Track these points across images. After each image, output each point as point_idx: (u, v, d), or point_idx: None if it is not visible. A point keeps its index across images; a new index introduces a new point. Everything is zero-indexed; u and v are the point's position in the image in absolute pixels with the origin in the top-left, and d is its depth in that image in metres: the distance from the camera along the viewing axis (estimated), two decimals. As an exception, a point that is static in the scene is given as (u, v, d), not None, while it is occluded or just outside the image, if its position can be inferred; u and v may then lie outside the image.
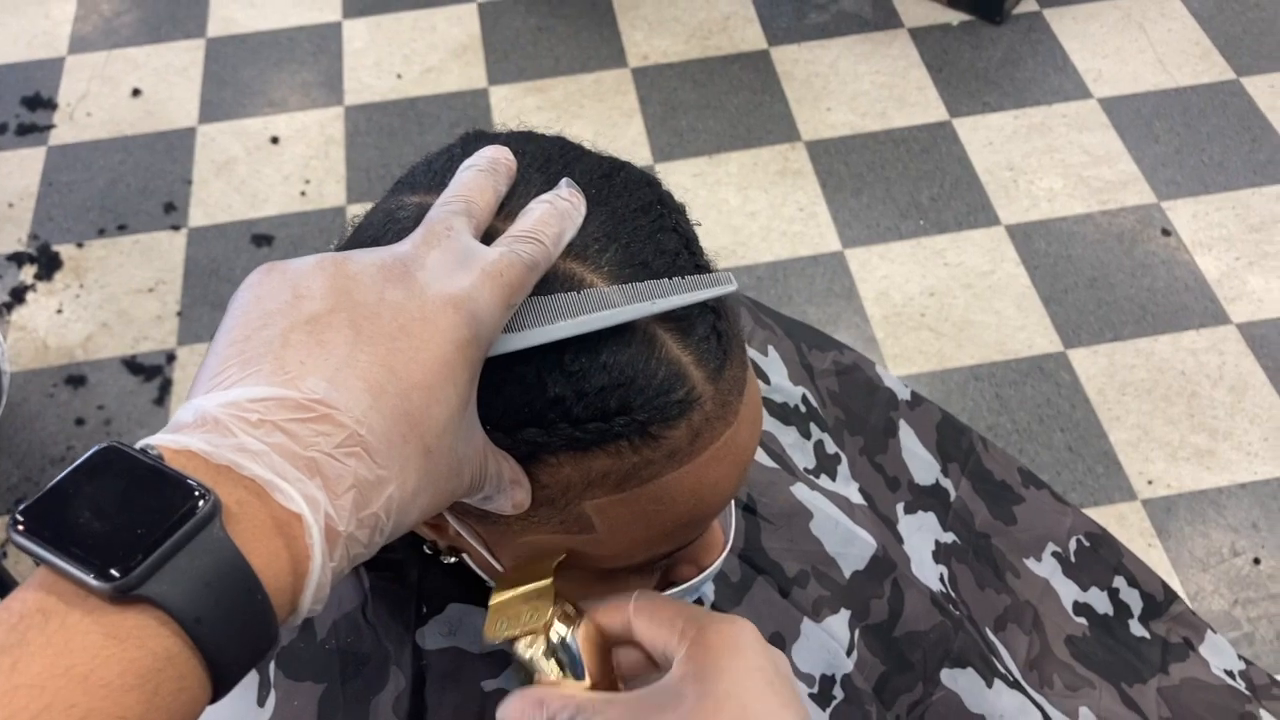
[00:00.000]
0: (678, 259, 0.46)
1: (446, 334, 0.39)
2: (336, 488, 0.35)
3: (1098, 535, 0.96)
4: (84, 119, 2.43)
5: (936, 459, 0.90)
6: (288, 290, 0.39)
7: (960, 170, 2.26)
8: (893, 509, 0.83)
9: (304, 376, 0.36)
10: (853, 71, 2.44)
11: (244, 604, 0.33)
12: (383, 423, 0.36)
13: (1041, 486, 0.96)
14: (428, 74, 2.49)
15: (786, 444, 0.75)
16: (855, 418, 0.83)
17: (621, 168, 0.50)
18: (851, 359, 0.86)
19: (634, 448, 0.45)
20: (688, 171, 2.29)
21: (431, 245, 0.42)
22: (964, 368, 1.98)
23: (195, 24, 2.63)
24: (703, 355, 0.46)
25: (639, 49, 2.52)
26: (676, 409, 0.45)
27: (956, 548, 0.88)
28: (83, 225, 2.24)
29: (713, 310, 0.46)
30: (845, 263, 2.14)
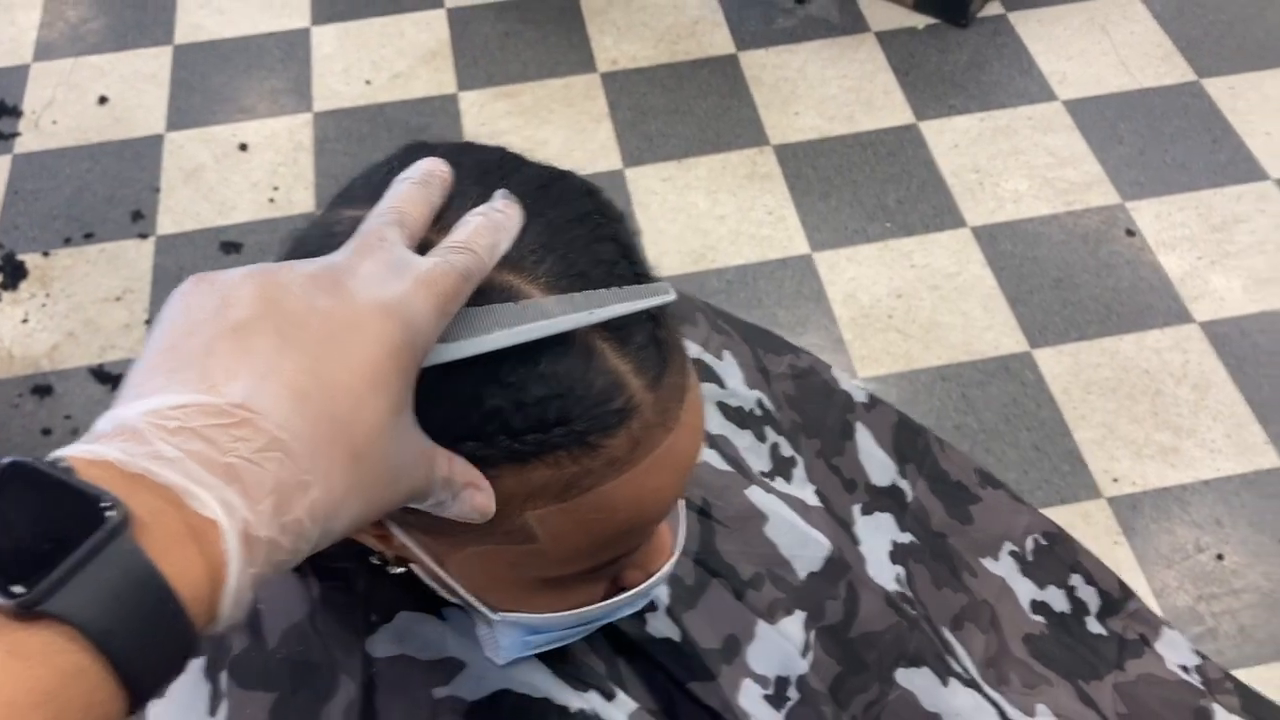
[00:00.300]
0: (615, 268, 0.47)
1: (376, 340, 0.39)
2: (256, 493, 0.35)
3: (1054, 534, 0.98)
4: (50, 127, 2.42)
5: (893, 460, 0.91)
6: (216, 299, 0.39)
7: (927, 173, 2.28)
8: (849, 511, 0.84)
9: (227, 383, 0.36)
10: (820, 76, 2.46)
11: (157, 615, 0.32)
12: (306, 428, 0.36)
13: (998, 486, 0.97)
14: (396, 80, 2.49)
15: (742, 447, 0.76)
16: (812, 420, 0.84)
17: (560, 178, 0.50)
18: (808, 362, 0.87)
19: (573, 457, 0.45)
20: (657, 176, 2.30)
21: (364, 255, 0.42)
22: (931, 368, 2.00)
23: (163, 31, 2.62)
24: (642, 363, 0.46)
25: (608, 54, 2.53)
26: (615, 418, 0.45)
27: (914, 548, 0.89)
28: (49, 234, 2.23)
29: (651, 318, 0.47)
30: (813, 265, 2.15)
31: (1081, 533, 1.78)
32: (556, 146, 2.35)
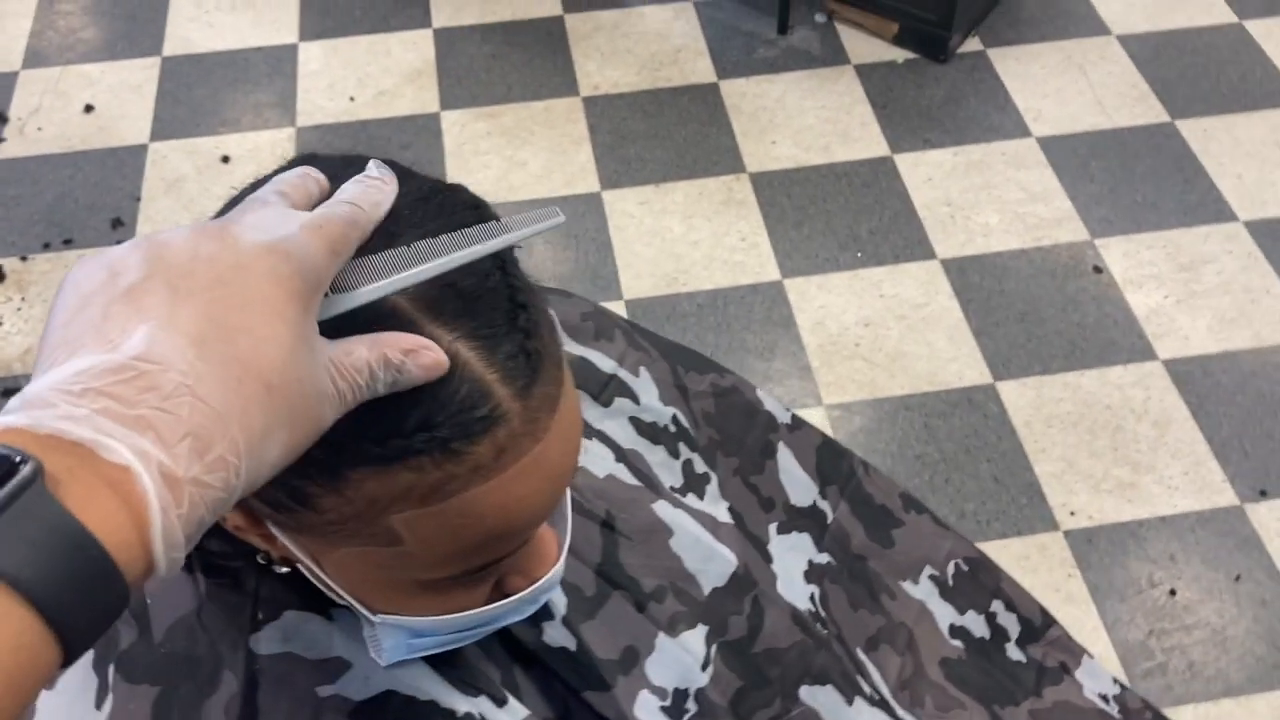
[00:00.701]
0: (487, 280, 0.48)
1: (265, 274, 0.40)
2: (170, 437, 0.36)
3: (976, 560, 0.99)
4: (34, 133, 2.45)
5: (815, 481, 0.92)
6: (104, 272, 0.40)
7: (900, 205, 2.30)
8: (765, 528, 0.86)
9: (124, 341, 0.37)
10: (799, 106, 2.48)
11: (78, 561, 0.33)
12: (211, 370, 0.37)
13: (923, 511, 0.98)
14: (381, 97, 2.52)
15: (654, 462, 0.78)
16: (730, 439, 0.86)
17: (445, 190, 0.52)
18: (731, 382, 0.89)
19: (436, 463, 0.46)
20: (634, 199, 2.32)
21: (247, 211, 0.44)
22: (895, 397, 2.01)
23: (152, 43, 2.65)
24: (509, 373, 0.47)
25: (590, 79, 2.56)
26: (480, 425, 0.47)
27: (831, 568, 0.90)
28: (27, 239, 2.25)
29: (522, 330, 0.48)
30: (784, 292, 2.17)
31: (1036, 564, 1.79)
32: (536, 167, 2.37)
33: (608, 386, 0.77)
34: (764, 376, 2.03)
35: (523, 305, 0.49)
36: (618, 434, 0.76)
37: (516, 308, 0.49)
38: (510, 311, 0.48)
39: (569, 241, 2.24)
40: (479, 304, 0.48)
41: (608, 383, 0.77)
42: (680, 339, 2.06)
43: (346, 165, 0.52)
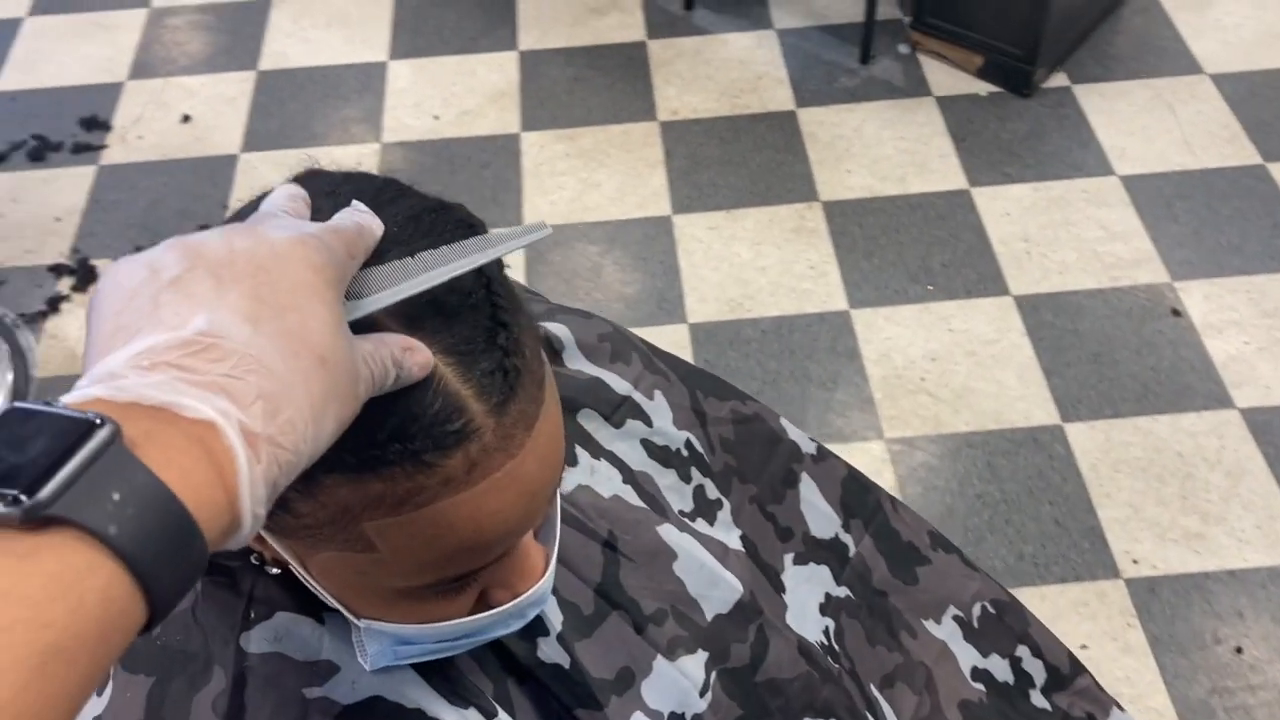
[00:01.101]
0: (469, 298, 0.50)
1: (301, 261, 0.42)
2: (244, 400, 0.37)
3: (1005, 603, 0.97)
4: (135, 141, 2.55)
5: (838, 514, 0.91)
6: (143, 270, 0.42)
7: (974, 238, 2.27)
8: (780, 558, 0.85)
9: (187, 321, 0.39)
10: (877, 136, 2.47)
11: (162, 518, 0.35)
12: (270, 343, 0.39)
13: (951, 551, 0.97)
14: (464, 116, 2.58)
15: (663, 485, 0.78)
16: (748, 466, 0.86)
17: (438, 210, 0.53)
18: (753, 410, 0.89)
19: (407, 474, 0.48)
20: (704, 224, 2.33)
21: (263, 220, 0.46)
22: (959, 434, 1.98)
23: (249, 57, 2.75)
24: (485, 389, 0.49)
25: (670, 104, 2.58)
26: (452, 439, 0.48)
27: (849, 602, 0.89)
28: (121, 242, 2.34)
29: (501, 348, 0.50)
30: (850, 322, 2.16)
31: (1095, 611, 1.75)
32: (610, 190, 2.40)
33: (620, 408, 0.78)
34: (825, 407, 2.02)
35: (503, 324, 0.50)
36: (628, 455, 0.77)
37: (497, 325, 0.50)
38: (490, 329, 0.50)
39: (637, 264, 2.26)
40: (459, 320, 0.49)
41: (620, 404, 0.78)
42: (742, 366, 2.07)
43: (346, 179, 0.54)
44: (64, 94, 2.66)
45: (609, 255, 2.28)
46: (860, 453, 1.96)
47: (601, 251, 2.29)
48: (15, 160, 2.51)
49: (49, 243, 2.35)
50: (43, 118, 2.60)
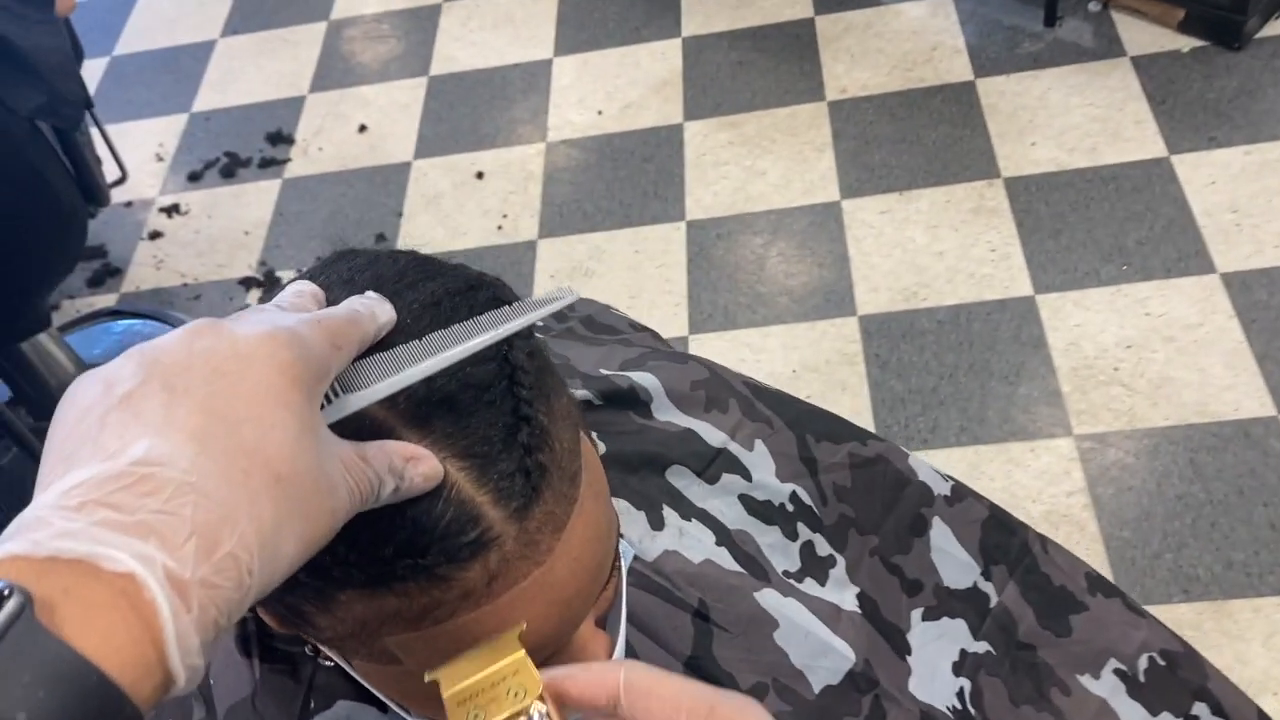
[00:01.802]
0: (486, 393, 0.45)
1: (265, 361, 0.39)
2: (174, 540, 0.35)
3: (1178, 653, 0.86)
4: (316, 153, 2.64)
5: (978, 560, 0.83)
6: (99, 385, 0.39)
7: (1175, 211, 2.08)
8: (905, 615, 0.78)
9: (124, 449, 0.36)
10: (1064, 104, 2.29)
11: (77, 690, 0.32)
12: (215, 465, 0.36)
13: (1113, 594, 0.87)
14: (627, 110, 2.55)
15: (765, 544, 0.72)
16: (869, 515, 0.79)
17: (466, 291, 0.49)
18: (876, 451, 0.81)
19: (422, 589, 0.44)
20: (875, 208, 2.22)
21: (239, 316, 0.43)
22: (1157, 429, 1.82)
23: (421, 63, 2.80)
24: (503, 493, 0.44)
25: (838, 81, 2.47)
26: (467, 550, 0.44)
27: (989, 659, 0.81)
28: (304, 253, 2.43)
29: (523, 446, 0.45)
30: (1035, 309, 2.01)
31: (1316, 630, 1.57)
32: (775, 177, 2.32)
33: (714, 461, 0.72)
34: (1008, 402, 1.90)
35: (526, 418, 0.46)
36: (724, 513, 0.72)
37: (519, 420, 0.45)
38: (511, 425, 0.45)
39: (803, 254, 2.18)
40: (474, 418, 0.45)
41: (715, 457, 0.73)
42: (917, 360, 1.97)
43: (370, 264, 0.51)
44: (252, 110, 2.79)
45: (773, 246, 2.21)
46: (1046, 451, 1.83)
47: (765, 243, 2.22)
48: (209, 178, 2.64)
49: (239, 256, 2.46)
50: (233, 135, 2.73)
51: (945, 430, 1.89)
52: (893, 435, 1.89)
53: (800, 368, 2.02)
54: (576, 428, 0.50)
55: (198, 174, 2.65)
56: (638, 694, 0.45)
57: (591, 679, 0.45)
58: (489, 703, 0.44)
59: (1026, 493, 1.79)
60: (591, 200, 2.38)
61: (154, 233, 2.54)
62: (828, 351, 2.03)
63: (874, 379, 1.98)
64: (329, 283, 0.49)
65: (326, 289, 0.49)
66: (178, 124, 2.79)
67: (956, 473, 1.81)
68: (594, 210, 2.36)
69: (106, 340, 2.28)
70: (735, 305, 2.13)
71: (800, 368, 2.02)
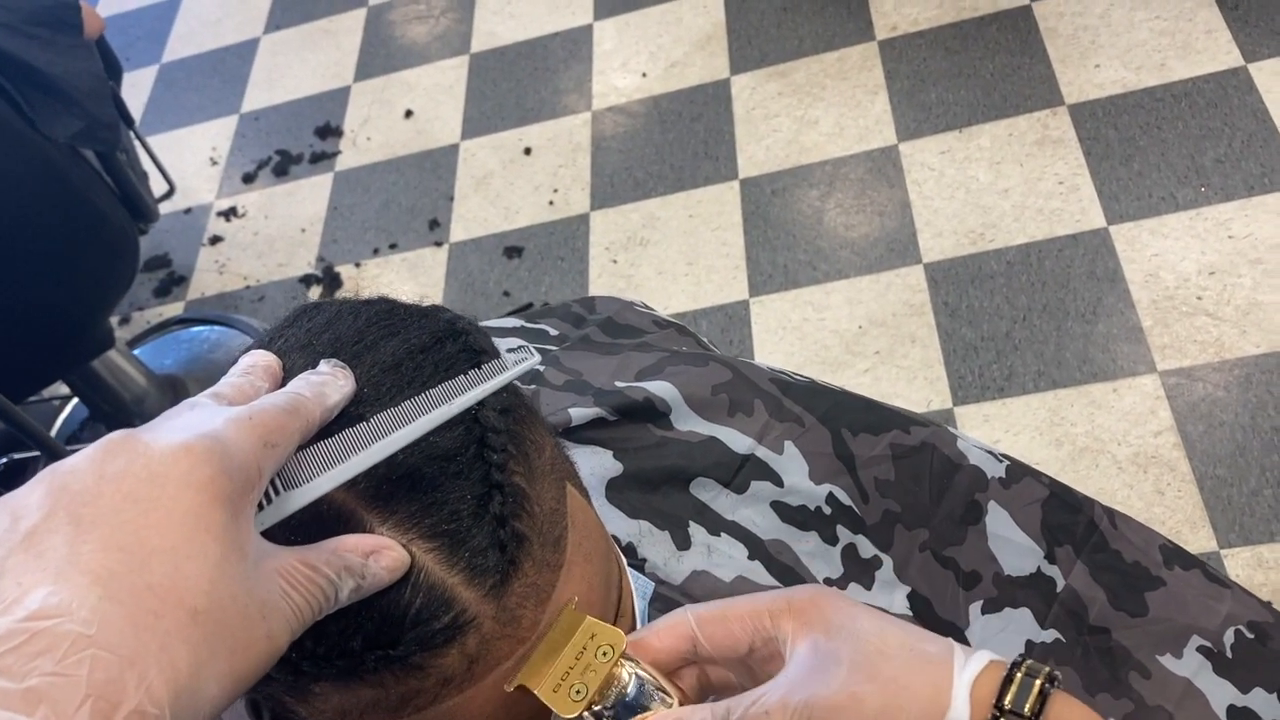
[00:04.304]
0: (452, 463, 0.42)
1: (182, 481, 0.36)
2: (66, 707, 0.32)
3: (1267, 624, 0.81)
4: (364, 143, 2.64)
5: (1040, 543, 0.78)
6: (6, 518, 0.37)
7: (1255, 124, 1.96)
8: (963, 611, 0.74)
9: (21, 598, 0.34)
10: (1127, 20, 2.17)
11: None
12: (120, 609, 0.34)
13: (1190, 566, 0.81)
14: (672, 69, 2.48)
15: (803, 552, 0.68)
16: (916, 507, 0.74)
17: (429, 347, 0.45)
18: (920, 437, 0.77)
19: (397, 679, 0.42)
20: (935, 149, 2.14)
21: (168, 416, 0.40)
22: (1249, 358, 1.73)
23: (461, 41, 2.77)
24: (477, 571, 0.42)
25: (888, 19, 2.38)
26: (441, 636, 0.41)
27: (1058, 647, 0.76)
28: (360, 246, 2.43)
29: (495, 518, 0.42)
30: (1109, 241, 1.92)
31: None
32: (828, 125, 2.25)
33: (742, 469, 0.69)
34: (1086, 342, 1.81)
35: (499, 485, 0.42)
36: (756, 523, 0.68)
37: (490, 489, 0.42)
38: (482, 495, 0.42)
39: (862, 204, 2.11)
40: (440, 492, 0.42)
41: (742, 465, 0.69)
42: (988, 304, 1.89)
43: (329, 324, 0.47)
44: (299, 105, 2.79)
45: (830, 198, 2.14)
46: (1131, 390, 1.75)
47: (822, 195, 2.15)
48: (263, 178, 2.66)
49: (297, 254, 2.47)
50: (282, 132, 2.74)
51: (1022, 377, 1.82)
52: (967, 386, 1.83)
53: (866, 323, 1.95)
54: (562, 484, 0.47)
55: (251, 175, 2.66)
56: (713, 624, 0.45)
57: (664, 630, 0.46)
58: (583, 672, 0.44)
59: (1111, 436, 1.72)
60: (642, 166, 2.33)
61: (214, 238, 2.57)
62: (894, 304, 1.96)
63: (944, 328, 1.91)
64: (286, 348, 0.46)
65: (284, 355, 0.46)
66: (228, 126, 2.81)
67: (1037, 420, 1.75)
68: (645, 176, 2.32)
69: (176, 350, 2.32)
70: (795, 263, 2.07)
71: (866, 323, 1.95)
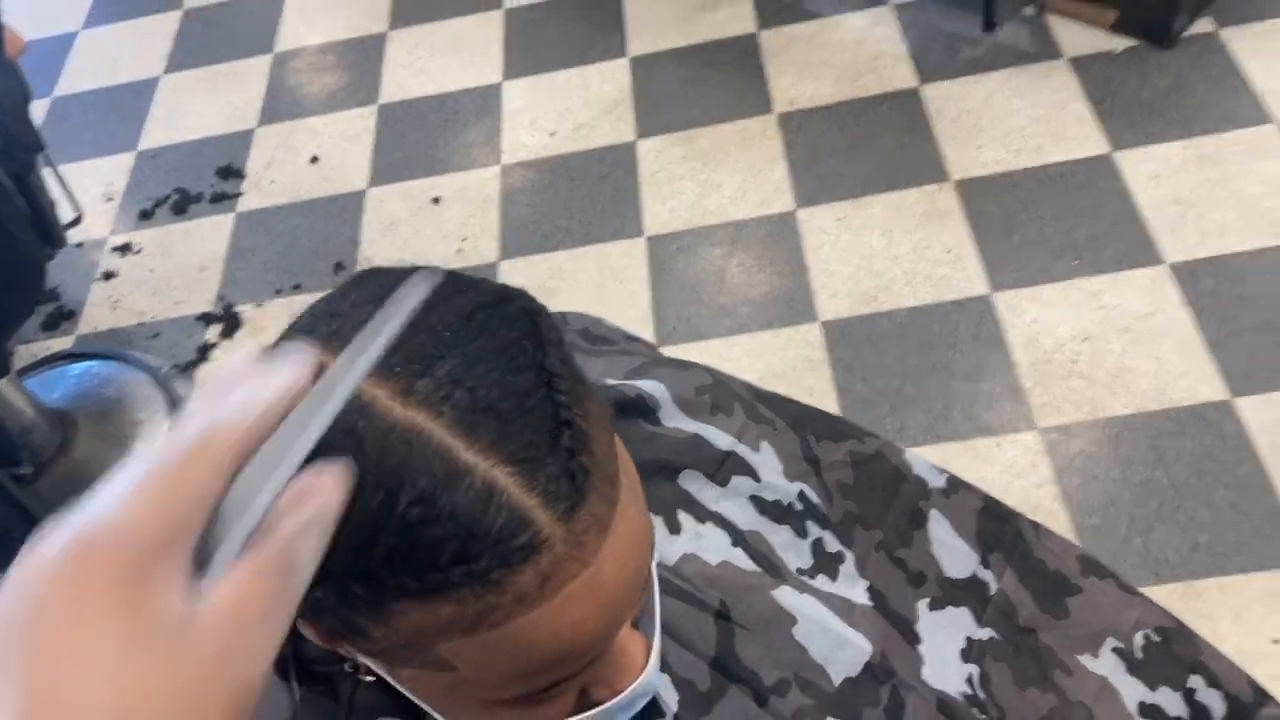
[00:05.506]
0: (527, 399, 0.47)
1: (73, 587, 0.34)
2: None
3: (1171, 629, 0.89)
4: (268, 186, 2.63)
5: (975, 549, 0.86)
6: None
7: (1121, 206, 2.14)
8: (912, 606, 0.80)
9: None
10: (1007, 107, 2.35)
11: None
12: None
13: (1105, 575, 0.90)
14: (579, 130, 2.57)
15: (777, 543, 0.74)
16: (871, 511, 0.81)
17: (498, 304, 0.50)
18: (873, 448, 0.84)
19: (477, 595, 0.45)
20: (830, 216, 2.26)
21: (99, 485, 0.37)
22: (1118, 418, 1.87)
23: (370, 92, 2.80)
24: (551, 496, 0.45)
25: (786, 94, 2.51)
26: (520, 554, 0.45)
27: (993, 644, 0.83)
28: (262, 286, 2.42)
29: (566, 450, 0.46)
30: (992, 307, 2.06)
31: (1282, 604, 1.62)
32: (730, 189, 2.35)
33: (724, 464, 0.74)
34: (971, 400, 1.94)
35: (567, 422, 0.47)
36: (736, 515, 0.73)
37: (560, 425, 0.47)
38: (553, 430, 0.46)
39: (763, 264, 2.21)
40: (517, 425, 0.46)
41: (724, 460, 0.74)
42: (880, 362, 2.00)
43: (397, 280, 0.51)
44: (201, 146, 2.77)
45: (733, 257, 2.24)
46: (1013, 445, 1.87)
47: (725, 254, 2.25)
48: (161, 215, 2.62)
49: (196, 292, 2.44)
50: (183, 171, 2.71)
51: (913, 430, 1.92)
52: (862, 438, 1.92)
53: (767, 375, 2.04)
54: (610, 431, 0.51)
55: (149, 212, 2.63)
56: None
57: None
58: None
59: (995, 487, 1.81)
60: (550, 220, 2.40)
61: (107, 273, 2.52)
62: (793, 359, 2.06)
63: (840, 383, 2.01)
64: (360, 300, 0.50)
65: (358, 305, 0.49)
66: (125, 162, 2.77)
67: (927, 471, 1.85)
68: (553, 230, 2.38)
69: (64, 384, 2.25)
70: (699, 317, 2.16)
71: (767, 375, 2.04)
